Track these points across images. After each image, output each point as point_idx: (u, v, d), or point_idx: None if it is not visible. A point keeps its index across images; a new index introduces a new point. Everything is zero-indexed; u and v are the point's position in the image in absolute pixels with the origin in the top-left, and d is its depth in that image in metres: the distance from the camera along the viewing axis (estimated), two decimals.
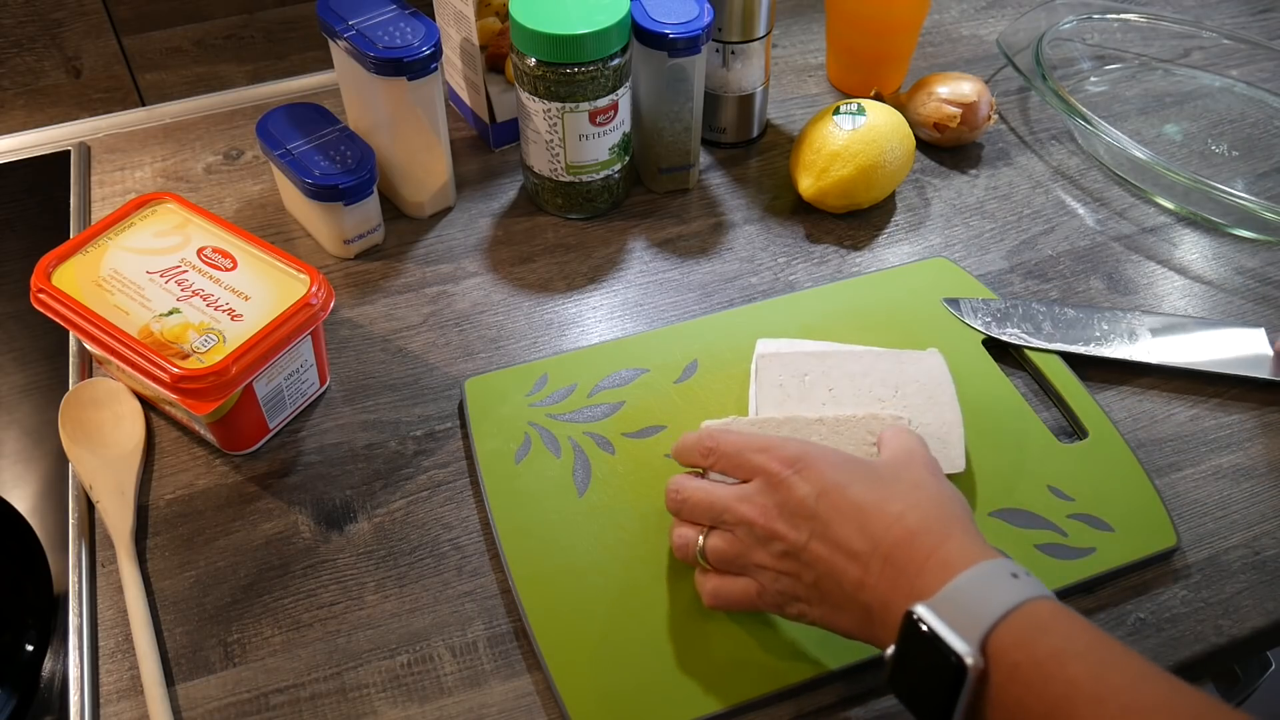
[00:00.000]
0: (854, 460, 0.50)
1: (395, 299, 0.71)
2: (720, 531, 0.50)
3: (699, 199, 0.78)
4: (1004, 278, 0.72)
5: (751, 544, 0.49)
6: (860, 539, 0.46)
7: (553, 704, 0.51)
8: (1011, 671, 0.40)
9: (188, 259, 0.61)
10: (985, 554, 0.44)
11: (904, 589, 0.44)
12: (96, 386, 0.63)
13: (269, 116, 0.71)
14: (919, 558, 0.44)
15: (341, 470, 0.61)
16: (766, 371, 0.59)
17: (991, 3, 0.98)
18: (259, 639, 0.54)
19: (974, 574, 0.42)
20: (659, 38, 0.69)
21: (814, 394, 0.58)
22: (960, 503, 0.48)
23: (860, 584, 0.45)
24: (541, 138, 0.71)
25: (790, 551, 0.47)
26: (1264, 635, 0.55)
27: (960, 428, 0.58)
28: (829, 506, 0.47)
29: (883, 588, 0.44)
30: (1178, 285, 0.72)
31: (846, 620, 0.47)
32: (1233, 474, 0.61)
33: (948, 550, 0.44)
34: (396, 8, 0.69)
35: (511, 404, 0.63)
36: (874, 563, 0.45)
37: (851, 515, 0.46)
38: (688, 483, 0.52)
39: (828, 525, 0.47)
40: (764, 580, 0.49)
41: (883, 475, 0.48)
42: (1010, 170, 0.81)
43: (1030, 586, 0.42)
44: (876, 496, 0.47)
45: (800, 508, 0.47)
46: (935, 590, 0.42)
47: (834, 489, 0.47)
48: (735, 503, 0.50)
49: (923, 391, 0.59)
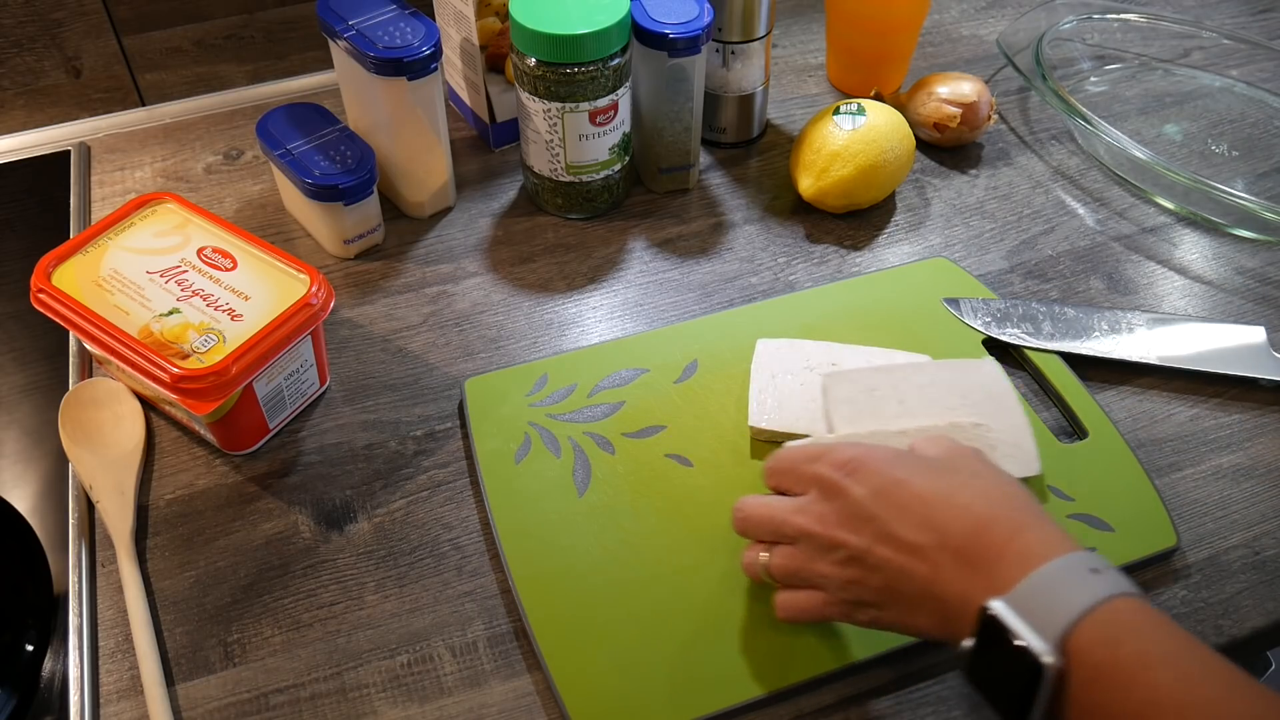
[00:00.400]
0: (908, 455, 0.48)
1: (395, 299, 0.71)
2: (782, 547, 0.49)
3: (699, 199, 0.78)
4: (1004, 278, 0.72)
5: (813, 554, 0.47)
6: (925, 533, 0.44)
7: (553, 704, 0.51)
8: (1093, 673, 0.39)
9: (188, 259, 0.61)
10: (1065, 546, 0.42)
11: (980, 582, 0.42)
12: (96, 386, 0.63)
13: (269, 116, 0.71)
14: (994, 549, 0.42)
15: (341, 470, 0.61)
16: (835, 389, 0.59)
17: (991, 3, 0.98)
18: (259, 639, 0.54)
19: (1053, 568, 0.41)
20: (659, 38, 0.69)
21: (885, 408, 0.58)
22: (1025, 490, 0.46)
23: (932, 579, 0.44)
24: (541, 138, 0.71)
25: (854, 557, 0.46)
26: (1264, 635, 0.55)
27: (1030, 431, 0.58)
28: (888, 504, 0.45)
29: (957, 582, 0.43)
30: (1178, 285, 0.72)
31: (924, 620, 0.45)
32: (1233, 474, 0.61)
33: (1025, 541, 0.42)
34: (396, 8, 0.69)
35: (511, 404, 0.63)
36: (943, 557, 0.43)
37: (914, 510, 0.45)
38: (749, 501, 0.51)
39: (889, 524, 0.45)
40: (830, 590, 0.47)
41: (940, 467, 0.47)
42: (1010, 170, 0.81)
43: (1113, 582, 0.40)
44: (938, 488, 0.45)
45: (859, 510, 0.46)
46: (1012, 584, 0.41)
47: (891, 486, 0.46)
48: (792, 515, 0.48)
49: (988, 398, 0.59)
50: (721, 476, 0.59)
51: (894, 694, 0.52)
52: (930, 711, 0.51)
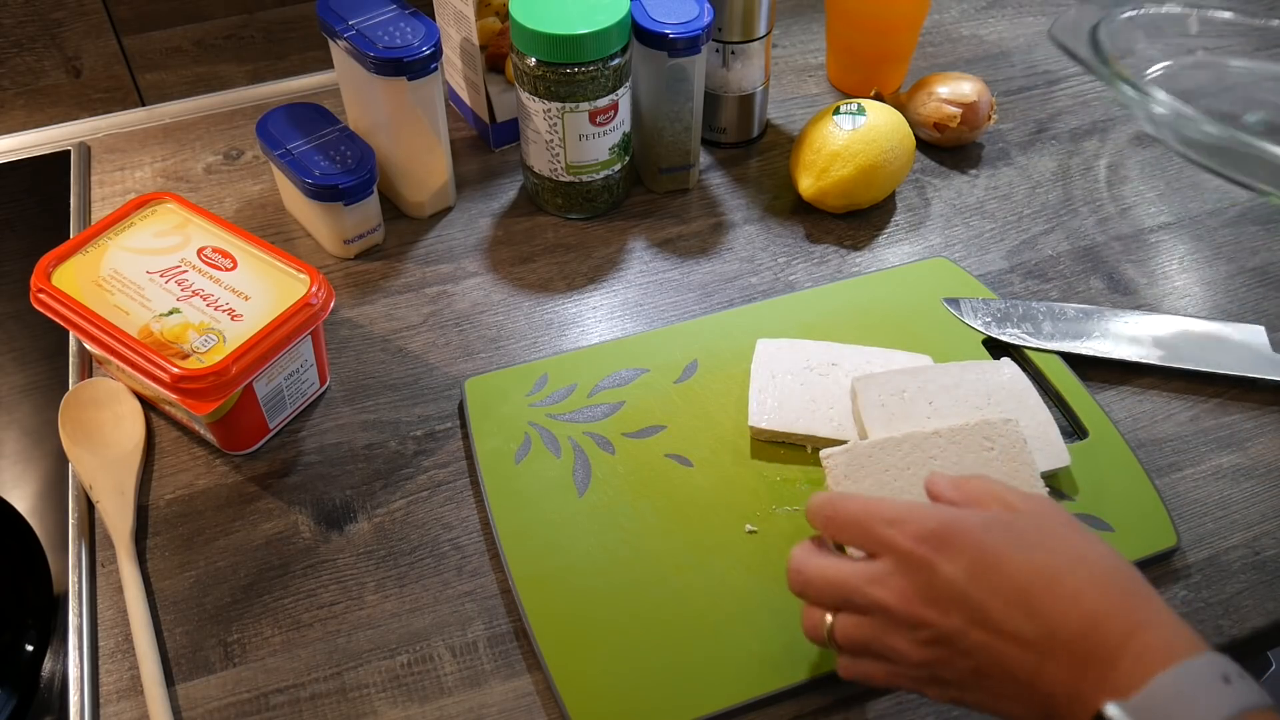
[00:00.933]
0: (1000, 523, 0.43)
1: (395, 299, 0.71)
2: (852, 615, 0.45)
3: (699, 199, 0.78)
4: (1004, 278, 0.72)
5: (888, 629, 0.43)
6: (1032, 625, 0.40)
7: (553, 704, 0.51)
8: None
9: (188, 259, 0.61)
10: (1190, 647, 0.39)
11: (1094, 679, 0.39)
12: (96, 386, 0.63)
13: (269, 116, 0.71)
14: (1109, 645, 0.39)
15: (341, 470, 0.61)
16: (866, 393, 0.59)
17: (992, 3, 0.98)
18: (259, 639, 0.54)
19: (1179, 674, 0.37)
20: (659, 38, 0.69)
21: (916, 409, 0.59)
22: (1133, 571, 0.42)
23: (1037, 672, 0.40)
24: (541, 138, 0.71)
25: (941, 638, 0.42)
26: (1264, 635, 0.55)
27: (1055, 426, 0.59)
28: (986, 588, 0.41)
29: (1066, 677, 0.39)
30: (1177, 285, 0.72)
31: (1017, 709, 0.41)
32: (1233, 474, 0.61)
33: (1145, 639, 0.39)
34: (396, 8, 0.69)
35: (511, 404, 0.63)
36: (1051, 648, 0.40)
37: (1015, 598, 0.41)
38: (809, 562, 0.46)
39: (986, 610, 0.41)
40: (905, 666, 0.43)
41: (1038, 541, 0.42)
42: (1010, 170, 0.81)
43: (1247, 694, 0.37)
44: (1040, 571, 0.41)
45: (949, 590, 0.41)
46: (1133, 688, 0.37)
47: (989, 568, 0.41)
48: (867, 585, 0.43)
49: (1012, 397, 0.60)
50: (721, 476, 0.59)
51: (894, 695, 0.52)
52: (930, 713, 0.51)
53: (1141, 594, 0.41)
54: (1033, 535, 0.43)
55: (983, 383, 0.60)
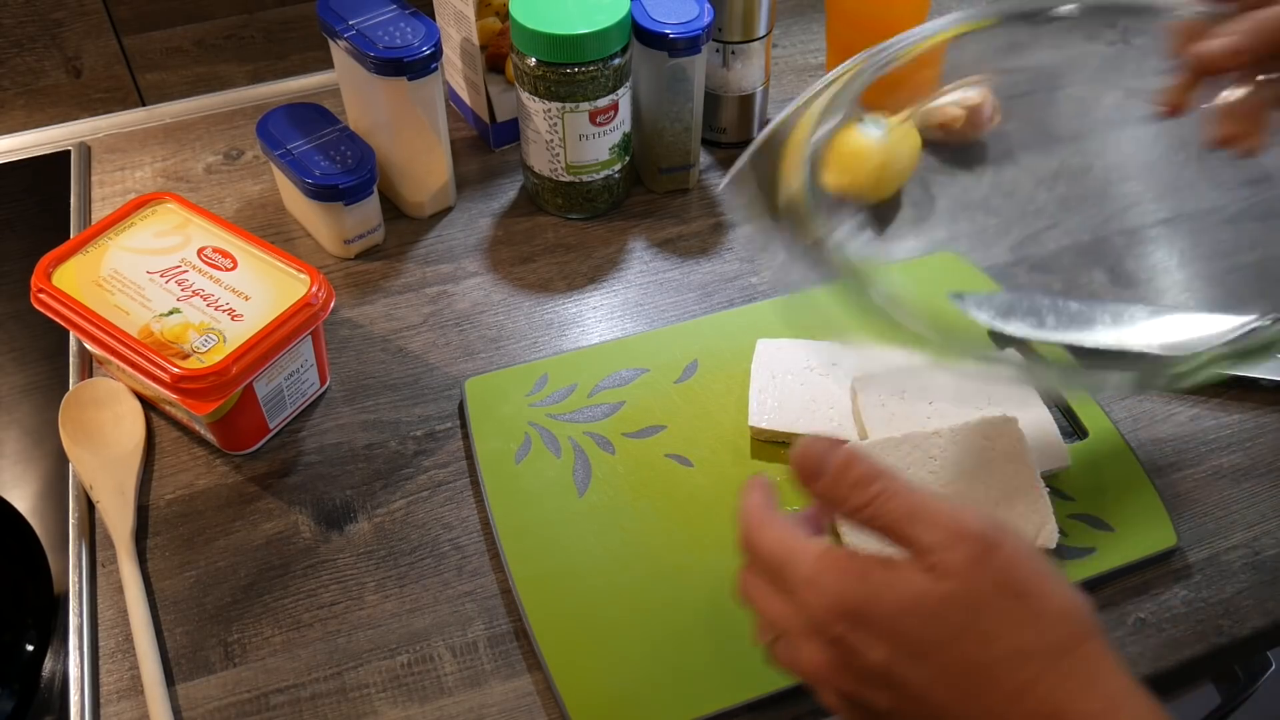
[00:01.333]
0: (921, 606, 0.37)
1: (395, 299, 0.71)
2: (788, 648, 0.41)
3: (699, 199, 0.78)
4: (1009, 271, 0.72)
5: (821, 682, 0.40)
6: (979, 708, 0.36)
7: (553, 704, 0.51)
8: None
9: (188, 259, 0.61)
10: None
11: None
12: (96, 386, 0.63)
13: (269, 116, 0.71)
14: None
15: (341, 470, 0.61)
16: (864, 395, 0.60)
17: (992, 2, 0.98)
18: (259, 639, 0.54)
19: None
20: (659, 38, 0.69)
21: (916, 409, 0.59)
22: (1085, 633, 0.37)
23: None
24: (541, 138, 0.71)
25: (880, 714, 0.38)
26: (1264, 635, 0.55)
27: (1055, 426, 0.60)
28: (920, 678, 0.37)
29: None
30: (1178, 280, 0.72)
31: None
32: (1233, 474, 0.61)
33: None
34: (396, 8, 0.69)
35: (512, 404, 0.63)
36: None
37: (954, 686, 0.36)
38: (751, 589, 0.42)
39: (925, 696, 0.37)
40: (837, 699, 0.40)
41: (962, 622, 0.37)
42: (1014, 168, 0.81)
43: None
44: (974, 668, 0.36)
45: (878, 673, 0.37)
46: None
47: (915, 658, 0.37)
48: (800, 637, 0.39)
49: (1012, 397, 0.60)
50: (721, 476, 0.59)
51: None
52: None
53: (1093, 671, 0.36)
54: (959, 618, 0.37)
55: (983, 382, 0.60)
